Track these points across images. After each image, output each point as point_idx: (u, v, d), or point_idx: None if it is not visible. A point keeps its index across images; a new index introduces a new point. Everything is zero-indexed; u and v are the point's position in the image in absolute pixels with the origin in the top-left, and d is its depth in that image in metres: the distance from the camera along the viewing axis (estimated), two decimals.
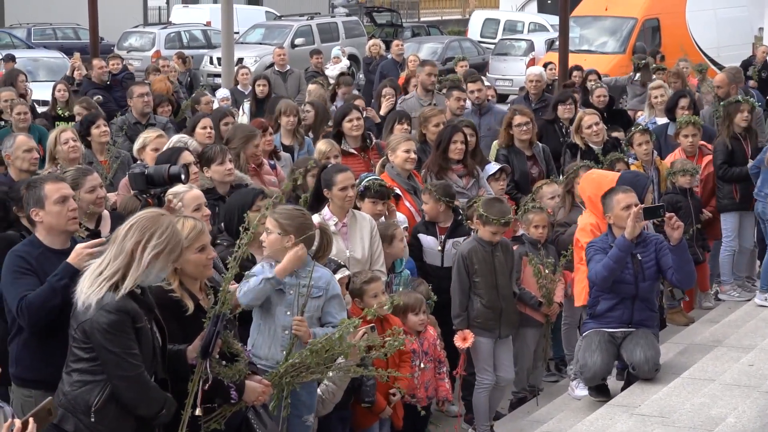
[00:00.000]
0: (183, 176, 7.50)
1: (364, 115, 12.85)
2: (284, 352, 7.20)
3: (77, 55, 16.27)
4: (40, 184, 7.01)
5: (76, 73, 20.01)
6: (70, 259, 6.63)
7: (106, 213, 8.26)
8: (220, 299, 6.52)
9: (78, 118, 13.42)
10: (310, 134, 13.36)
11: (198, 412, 6.38)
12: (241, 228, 6.92)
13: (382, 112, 14.93)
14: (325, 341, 7.01)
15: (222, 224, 8.26)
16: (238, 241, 6.84)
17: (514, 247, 10.10)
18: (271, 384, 6.91)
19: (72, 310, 6.14)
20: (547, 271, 10.15)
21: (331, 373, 7.43)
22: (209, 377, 6.38)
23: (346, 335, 7.03)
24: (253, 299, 7.25)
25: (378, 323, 8.25)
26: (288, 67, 21.46)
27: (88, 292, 6.04)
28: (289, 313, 7.33)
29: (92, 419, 6.07)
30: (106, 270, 6.05)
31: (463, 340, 9.38)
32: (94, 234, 7.83)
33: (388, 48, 25.16)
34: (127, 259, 6.04)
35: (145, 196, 7.56)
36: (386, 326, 8.41)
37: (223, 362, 6.49)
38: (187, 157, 8.87)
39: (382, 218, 9.50)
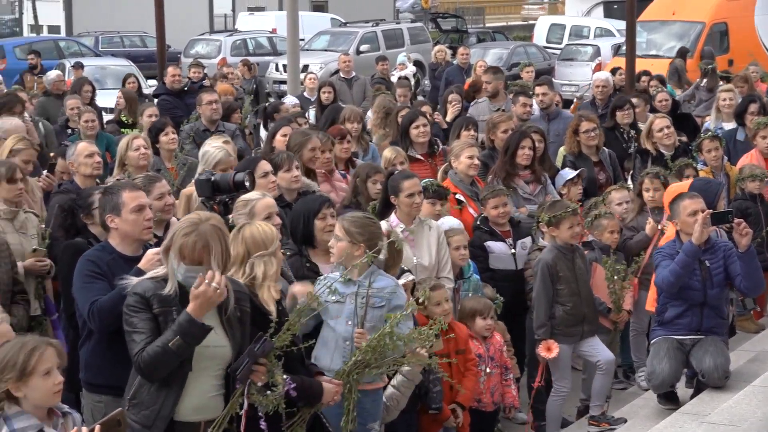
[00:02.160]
0: (248, 183, 7.54)
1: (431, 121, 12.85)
2: (345, 363, 7.16)
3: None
4: (118, 191, 7.05)
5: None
6: (141, 264, 6.69)
7: (174, 219, 8.32)
8: (285, 326, 6.49)
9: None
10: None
11: None
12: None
13: (448, 119, 14.96)
14: (378, 337, 6.99)
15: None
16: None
17: (584, 253, 10.07)
18: (341, 382, 6.93)
19: None
20: (616, 278, 10.09)
21: (402, 372, 7.45)
22: (245, 403, 6.32)
23: (395, 327, 6.98)
24: None
25: (442, 329, 8.24)
26: (353, 73, 21.52)
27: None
28: (350, 323, 7.31)
29: (127, 408, 6.17)
30: (157, 270, 6.25)
31: (548, 350, 9.36)
32: (163, 240, 7.91)
33: (453, 54, 25.16)
34: (167, 256, 6.17)
35: (211, 203, 7.61)
36: (450, 332, 8.43)
37: (268, 392, 6.37)
38: (264, 166, 8.90)
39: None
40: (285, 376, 6.42)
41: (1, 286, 8.10)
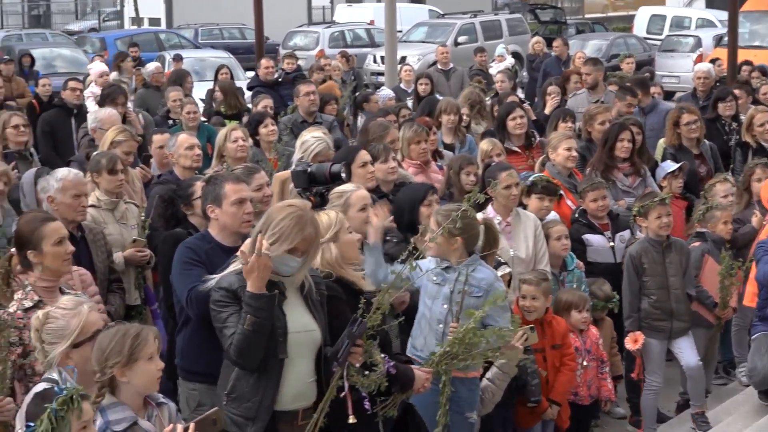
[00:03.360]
0: (344, 175, 7.57)
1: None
2: (437, 345, 7.19)
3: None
4: (221, 183, 7.12)
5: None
6: (240, 253, 6.76)
7: None
8: (374, 307, 6.49)
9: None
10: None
11: (351, 420, 6.40)
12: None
13: (546, 111, 14.89)
14: (464, 330, 6.99)
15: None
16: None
17: (695, 244, 9.94)
18: (431, 370, 6.95)
19: None
20: (731, 273, 9.90)
21: (497, 365, 7.45)
22: (345, 385, 6.38)
23: (477, 324, 6.98)
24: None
25: (538, 324, 8.24)
26: (451, 65, 21.48)
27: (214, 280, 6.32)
28: (445, 306, 7.37)
29: (224, 403, 6.23)
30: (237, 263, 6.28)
31: (634, 341, 9.29)
32: None
33: (550, 45, 25.00)
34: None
35: (307, 193, 7.65)
36: (546, 326, 8.40)
37: (365, 372, 6.45)
38: (363, 156, 8.93)
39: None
40: (382, 355, 6.48)
41: (98, 275, 8.21)
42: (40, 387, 5.52)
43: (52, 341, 5.73)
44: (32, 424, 4.97)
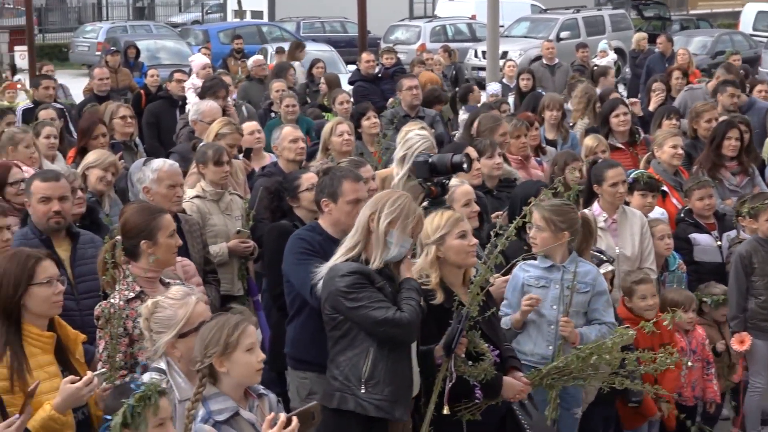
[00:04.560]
0: (465, 165, 7.58)
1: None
2: (549, 347, 7.20)
3: None
4: (340, 179, 7.15)
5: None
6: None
7: None
8: (470, 297, 6.55)
9: None
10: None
11: (445, 410, 6.45)
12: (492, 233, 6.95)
13: (651, 107, 14.75)
14: (594, 348, 6.97)
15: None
16: (495, 239, 6.83)
17: None
18: (531, 383, 6.92)
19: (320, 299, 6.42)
20: None
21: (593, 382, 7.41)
22: (453, 376, 6.43)
23: (618, 346, 6.97)
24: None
25: (632, 324, 8.15)
26: (556, 60, 21.34)
27: (323, 270, 6.37)
28: (554, 307, 7.34)
29: (362, 390, 6.24)
30: (344, 254, 6.40)
31: (740, 342, 9.16)
32: None
33: (653, 41, 24.73)
34: (363, 233, 6.28)
35: (428, 184, 7.67)
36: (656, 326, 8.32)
37: (470, 362, 6.52)
38: (470, 152, 8.92)
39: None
40: (487, 345, 6.52)
41: (194, 266, 8.29)
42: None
43: (159, 330, 5.82)
44: (109, 417, 5.05)
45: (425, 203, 7.37)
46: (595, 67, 18.97)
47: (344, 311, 6.31)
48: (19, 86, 19.05)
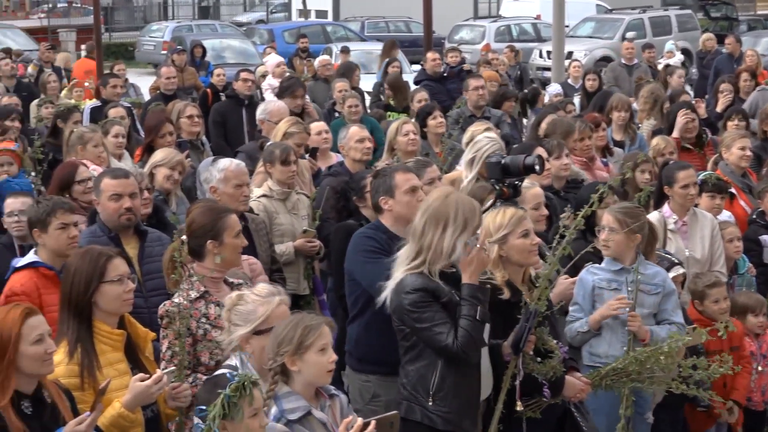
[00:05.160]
0: (537, 167, 7.57)
1: None
2: (623, 349, 7.18)
3: None
4: (391, 174, 7.20)
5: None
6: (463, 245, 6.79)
7: None
8: (536, 293, 6.53)
9: None
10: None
11: (518, 407, 6.43)
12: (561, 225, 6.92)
13: (718, 109, 14.62)
14: (651, 352, 6.94)
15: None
16: (559, 236, 6.80)
17: None
18: (591, 383, 6.90)
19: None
20: None
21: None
22: (521, 373, 6.42)
23: (674, 351, 6.92)
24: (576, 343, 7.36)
25: (704, 327, 8.08)
26: (635, 60, 21.15)
27: (391, 284, 6.31)
28: (627, 309, 7.31)
29: (430, 403, 6.23)
30: (408, 264, 6.30)
31: None
32: None
33: (720, 42, 24.51)
34: (428, 252, 6.24)
35: (500, 185, 7.65)
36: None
37: (538, 359, 6.51)
38: (540, 152, 8.90)
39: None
40: (555, 341, 6.52)
41: (261, 265, 8.32)
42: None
43: (237, 323, 5.85)
44: (205, 408, 5.08)
45: (497, 204, 7.34)
46: (668, 67, 18.82)
47: (411, 328, 6.30)
48: (87, 84, 19.26)
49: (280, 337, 5.49)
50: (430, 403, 6.26)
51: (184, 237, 6.75)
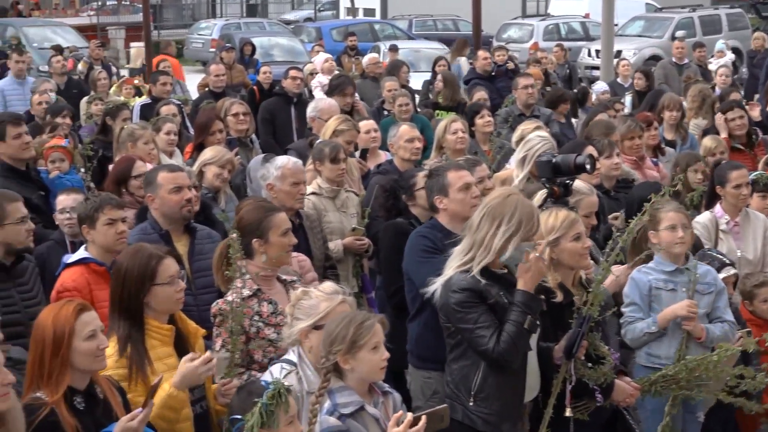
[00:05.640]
0: (588, 166, 7.55)
1: None
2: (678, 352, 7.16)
3: None
4: (444, 172, 7.25)
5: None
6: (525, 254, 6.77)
7: None
8: (589, 299, 6.50)
9: None
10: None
11: (568, 413, 6.44)
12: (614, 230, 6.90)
13: None
14: (700, 360, 6.92)
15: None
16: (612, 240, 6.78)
17: None
18: (640, 388, 6.88)
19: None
20: None
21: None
22: (573, 379, 6.41)
23: (723, 360, 6.89)
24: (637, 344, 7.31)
25: (756, 327, 8.04)
26: (686, 60, 21.01)
27: (441, 280, 6.29)
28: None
29: (471, 403, 6.22)
30: (461, 261, 6.28)
31: None
32: None
33: None
34: (479, 248, 6.21)
35: (551, 184, 7.63)
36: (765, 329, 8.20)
37: (589, 364, 6.50)
38: (590, 151, 8.87)
39: None
40: (607, 347, 6.49)
41: (315, 261, 8.34)
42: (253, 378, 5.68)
43: (299, 317, 5.91)
44: (239, 417, 5.08)
45: (548, 203, 7.32)
46: (721, 68, 18.69)
47: (455, 326, 6.31)
48: (137, 82, 19.35)
49: (332, 335, 5.50)
50: (471, 404, 6.27)
51: (233, 235, 6.76)
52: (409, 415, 5.19)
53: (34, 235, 7.53)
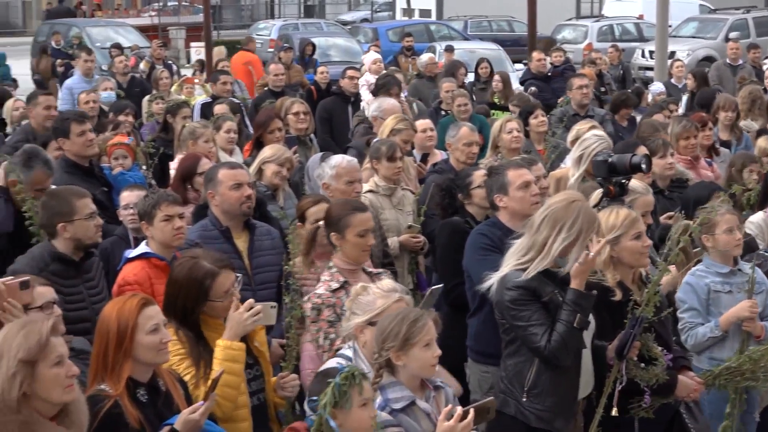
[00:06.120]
0: (644, 166, 7.51)
1: None
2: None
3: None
4: (503, 171, 7.27)
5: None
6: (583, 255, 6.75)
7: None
8: (644, 300, 6.46)
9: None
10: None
11: (614, 412, 6.40)
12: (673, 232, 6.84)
13: None
14: (765, 351, 6.89)
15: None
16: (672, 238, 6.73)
17: None
18: (704, 382, 6.82)
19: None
20: None
21: None
22: (624, 379, 6.37)
23: None
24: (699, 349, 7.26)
25: None
26: (740, 61, 20.83)
27: (497, 276, 6.29)
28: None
29: (524, 399, 6.20)
30: (518, 259, 6.26)
31: None
32: None
33: None
34: (538, 250, 6.18)
35: (607, 184, 7.61)
36: None
37: (642, 365, 6.45)
38: (642, 151, 8.83)
39: None
40: (660, 349, 6.42)
41: (373, 258, 8.34)
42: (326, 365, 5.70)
43: (355, 312, 5.94)
44: (316, 398, 5.11)
45: (603, 202, 7.29)
46: None
47: (510, 324, 6.30)
48: (196, 81, 19.46)
49: (385, 332, 5.51)
50: (525, 399, 6.26)
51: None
52: (459, 409, 5.21)
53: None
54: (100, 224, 7.27)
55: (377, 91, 13.51)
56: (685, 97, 17.33)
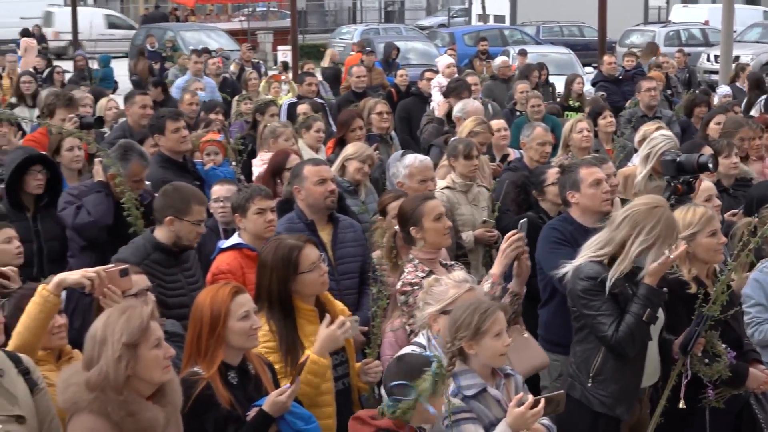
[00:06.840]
0: (710, 165, 7.43)
1: None
2: None
3: None
4: (576, 169, 7.25)
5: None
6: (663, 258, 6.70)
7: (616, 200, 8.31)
8: (711, 298, 6.39)
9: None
10: None
11: (681, 404, 6.35)
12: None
13: None
14: None
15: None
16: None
17: None
18: None
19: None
20: None
21: None
22: (688, 373, 6.32)
23: None
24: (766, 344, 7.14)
25: None
26: None
27: (573, 264, 6.25)
28: None
29: (589, 384, 6.16)
30: (595, 251, 6.20)
31: None
32: None
33: None
34: (616, 248, 6.11)
35: (675, 182, 7.54)
36: None
37: (706, 360, 6.37)
38: (707, 152, 8.74)
39: None
40: (724, 346, 6.34)
41: (447, 250, 8.33)
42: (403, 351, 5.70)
43: (428, 302, 5.91)
44: (404, 383, 5.08)
45: (671, 200, 7.23)
46: None
47: (580, 311, 6.26)
48: (283, 78, 19.56)
49: (458, 321, 5.50)
50: (590, 384, 6.23)
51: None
52: (530, 397, 5.19)
53: None
54: (202, 232, 7.29)
55: (448, 93, 13.49)
56: (745, 100, 17.11)
